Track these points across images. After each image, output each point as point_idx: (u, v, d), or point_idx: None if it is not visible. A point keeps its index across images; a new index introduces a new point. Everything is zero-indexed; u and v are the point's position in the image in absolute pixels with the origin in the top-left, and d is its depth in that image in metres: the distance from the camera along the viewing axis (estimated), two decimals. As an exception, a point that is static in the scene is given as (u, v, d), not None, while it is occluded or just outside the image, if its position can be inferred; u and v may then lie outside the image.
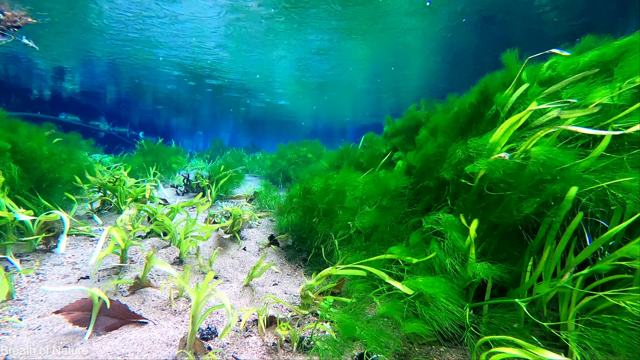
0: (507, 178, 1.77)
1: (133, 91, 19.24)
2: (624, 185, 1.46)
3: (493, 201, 1.90)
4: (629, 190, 1.44)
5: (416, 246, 2.04)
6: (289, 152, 8.48)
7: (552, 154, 1.62)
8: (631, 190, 1.44)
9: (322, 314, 1.87)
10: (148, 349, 1.59)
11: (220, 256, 3.06)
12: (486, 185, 1.92)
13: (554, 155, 1.61)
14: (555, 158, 1.60)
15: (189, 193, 5.79)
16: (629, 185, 1.45)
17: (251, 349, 1.72)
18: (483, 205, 1.95)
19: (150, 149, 7.74)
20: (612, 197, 1.49)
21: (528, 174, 1.70)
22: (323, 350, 1.64)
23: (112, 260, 2.64)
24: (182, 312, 2.02)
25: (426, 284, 1.66)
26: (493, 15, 7.50)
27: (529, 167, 1.68)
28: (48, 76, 16.49)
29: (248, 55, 11.66)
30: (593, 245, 1.52)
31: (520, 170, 1.73)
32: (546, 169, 1.62)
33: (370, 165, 3.69)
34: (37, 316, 1.81)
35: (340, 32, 9.01)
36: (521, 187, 1.72)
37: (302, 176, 4.63)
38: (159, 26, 9.44)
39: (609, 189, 1.50)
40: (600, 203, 1.59)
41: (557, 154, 1.61)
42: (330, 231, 2.74)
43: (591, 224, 1.78)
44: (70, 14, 8.65)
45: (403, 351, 1.79)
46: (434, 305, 1.62)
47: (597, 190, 1.54)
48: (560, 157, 1.61)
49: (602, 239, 1.47)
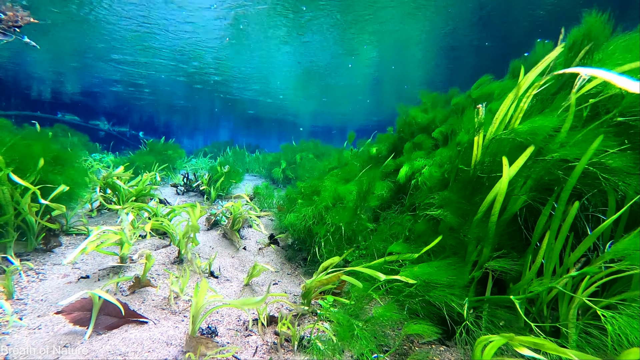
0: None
1: (133, 90, 19.23)
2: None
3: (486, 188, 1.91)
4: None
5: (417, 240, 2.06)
6: (289, 152, 8.50)
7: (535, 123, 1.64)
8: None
9: (322, 314, 1.87)
10: (148, 349, 1.59)
11: (220, 255, 3.06)
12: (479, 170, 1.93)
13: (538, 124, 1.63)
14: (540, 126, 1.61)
15: (188, 192, 5.79)
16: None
17: (251, 348, 1.72)
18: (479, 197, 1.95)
19: (153, 147, 7.80)
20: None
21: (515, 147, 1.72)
22: (323, 350, 1.64)
23: (112, 260, 2.64)
24: (182, 311, 2.02)
25: (422, 270, 1.69)
26: (493, 13, 7.48)
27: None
28: (48, 76, 16.48)
29: (248, 55, 11.65)
30: (586, 241, 1.52)
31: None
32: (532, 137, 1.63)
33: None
34: (37, 315, 1.81)
35: (340, 30, 9.01)
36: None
37: (300, 175, 4.64)
38: (158, 24, 9.44)
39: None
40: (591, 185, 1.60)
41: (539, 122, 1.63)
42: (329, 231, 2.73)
43: (592, 220, 1.78)
44: (66, 11, 8.64)
45: (403, 351, 1.79)
46: (433, 286, 1.64)
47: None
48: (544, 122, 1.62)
49: (595, 234, 1.47)
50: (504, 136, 1.82)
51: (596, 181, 1.56)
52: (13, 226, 2.48)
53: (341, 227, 2.59)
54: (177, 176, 6.91)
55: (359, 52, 10.73)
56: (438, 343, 1.88)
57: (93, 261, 2.60)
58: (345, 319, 1.69)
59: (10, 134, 3.34)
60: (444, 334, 1.90)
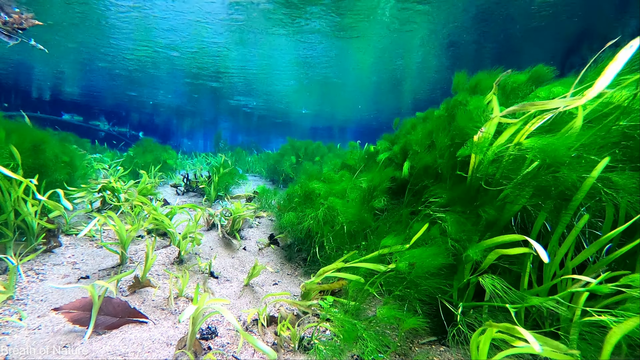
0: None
1: (133, 90, 19.24)
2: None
3: (490, 197, 1.91)
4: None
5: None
6: (289, 152, 8.49)
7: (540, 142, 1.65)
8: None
9: (322, 315, 1.87)
10: (148, 349, 1.59)
11: (220, 256, 3.06)
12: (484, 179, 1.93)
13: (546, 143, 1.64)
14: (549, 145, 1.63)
15: (188, 193, 5.79)
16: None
17: (251, 348, 1.72)
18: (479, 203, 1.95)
19: (147, 146, 7.79)
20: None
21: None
22: (323, 351, 1.64)
23: (112, 260, 2.64)
24: (182, 311, 2.02)
25: (414, 254, 1.72)
26: (493, 12, 7.49)
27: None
28: (48, 76, 16.49)
29: (249, 54, 11.66)
30: (585, 251, 1.54)
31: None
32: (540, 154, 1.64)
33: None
34: (37, 316, 1.81)
35: (339, 31, 9.02)
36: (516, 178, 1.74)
37: (300, 175, 4.63)
38: (158, 23, 9.45)
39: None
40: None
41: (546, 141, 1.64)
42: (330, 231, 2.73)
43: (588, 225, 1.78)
44: (70, 13, 8.65)
45: (403, 351, 1.79)
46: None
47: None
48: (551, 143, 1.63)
49: (600, 242, 1.47)
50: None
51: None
52: (13, 226, 2.48)
53: (343, 227, 2.58)
54: (176, 176, 6.92)
55: (360, 52, 10.74)
56: (438, 343, 1.88)
57: (93, 261, 2.60)
58: (348, 321, 1.70)
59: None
60: (444, 334, 1.91)
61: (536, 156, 1.63)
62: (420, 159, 2.45)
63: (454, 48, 9.76)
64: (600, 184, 1.53)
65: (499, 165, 1.85)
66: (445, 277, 1.80)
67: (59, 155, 3.43)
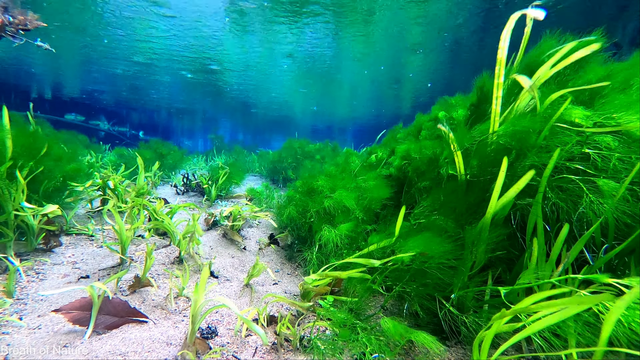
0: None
1: (132, 90, 19.23)
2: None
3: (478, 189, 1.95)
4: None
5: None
6: (289, 152, 8.49)
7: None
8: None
9: (323, 314, 1.87)
10: (148, 348, 1.59)
11: (220, 255, 3.06)
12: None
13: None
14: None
15: (188, 192, 5.79)
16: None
17: (251, 348, 1.72)
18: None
19: (149, 145, 7.81)
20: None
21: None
22: (322, 350, 1.64)
23: (112, 260, 2.64)
24: (182, 311, 2.02)
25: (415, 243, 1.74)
26: (496, 9, 7.47)
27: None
28: (48, 76, 16.48)
29: (249, 53, 11.66)
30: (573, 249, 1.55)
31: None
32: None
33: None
34: (37, 315, 1.81)
35: (338, 29, 9.01)
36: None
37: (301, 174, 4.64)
38: (158, 22, 9.44)
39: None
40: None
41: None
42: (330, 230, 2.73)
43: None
44: (68, 13, 8.64)
45: (403, 351, 1.79)
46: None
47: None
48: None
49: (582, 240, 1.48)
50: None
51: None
52: (13, 226, 2.48)
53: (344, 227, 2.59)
54: (176, 176, 6.92)
55: (359, 52, 10.73)
56: (438, 343, 1.88)
57: (93, 261, 2.60)
58: (350, 321, 1.70)
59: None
60: (443, 334, 1.90)
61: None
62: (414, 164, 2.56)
63: (454, 48, 9.75)
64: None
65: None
66: (447, 274, 1.81)
67: (64, 157, 3.45)
